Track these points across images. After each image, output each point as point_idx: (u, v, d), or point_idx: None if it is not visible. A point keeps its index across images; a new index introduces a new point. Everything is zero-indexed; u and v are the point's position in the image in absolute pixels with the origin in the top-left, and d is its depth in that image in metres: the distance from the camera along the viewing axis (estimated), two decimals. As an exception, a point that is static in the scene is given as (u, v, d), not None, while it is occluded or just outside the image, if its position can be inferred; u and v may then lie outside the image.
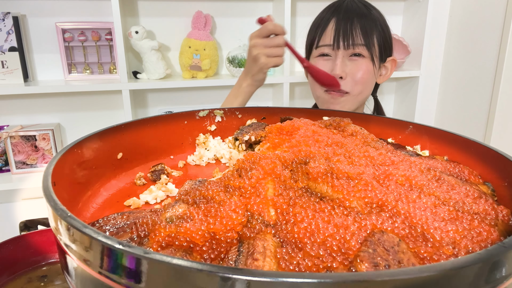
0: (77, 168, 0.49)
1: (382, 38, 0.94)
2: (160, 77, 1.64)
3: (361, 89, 0.95)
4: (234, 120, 0.73)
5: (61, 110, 1.69)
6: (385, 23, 0.96)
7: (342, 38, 0.90)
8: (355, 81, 0.93)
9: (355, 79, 0.93)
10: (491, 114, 1.75)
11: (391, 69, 1.01)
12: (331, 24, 0.92)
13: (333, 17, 0.92)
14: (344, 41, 0.90)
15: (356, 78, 0.93)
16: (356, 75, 0.92)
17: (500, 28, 1.68)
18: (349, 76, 0.93)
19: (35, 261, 0.59)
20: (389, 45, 0.97)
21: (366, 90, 0.97)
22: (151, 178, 0.57)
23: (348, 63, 0.93)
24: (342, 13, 0.91)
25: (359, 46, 0.91)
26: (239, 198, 0.38)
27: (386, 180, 0.42)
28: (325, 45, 0.94)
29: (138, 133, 0.62)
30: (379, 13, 0.96)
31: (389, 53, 0.99)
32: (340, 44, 0.91)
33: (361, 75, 0.92)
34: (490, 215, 0.38)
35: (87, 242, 0.28)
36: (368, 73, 0.93)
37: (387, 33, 0.96)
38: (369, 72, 0.93)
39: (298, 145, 0.51)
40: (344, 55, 0.92)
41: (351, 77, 0.93)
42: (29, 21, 1.57)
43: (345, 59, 0.93)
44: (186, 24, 1.70)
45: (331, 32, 0.92)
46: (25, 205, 1.71)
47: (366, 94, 0.98)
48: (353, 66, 0.92)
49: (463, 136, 0.55)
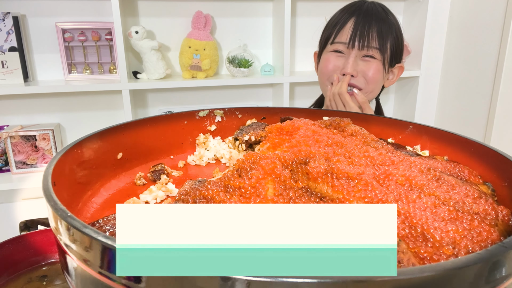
0: (77, 168, 0.49)
1: (395, 44, 0.97)
2: (160, 77, 1.64)
3: (372, 88, 0.98)
4: (234, 120, 0.73)
5: (61, 110, 1.69)
6: (399, 30, 0.99)
7: (358, 39, 0.93)
8: (367, 79, 0.96)
9: (367, 78, 0.96)
10: (491, 114, 1.75)
11: (397, 74, 1.04)
12: (349, 24, 0.95)
13: (352, 17, 0.95)
14: (360, 41, 0.93)
15: (367, 76, 0.96)
16: (367, 74, 0.95)
17: (500, 28, 1.68)
18: (360, 74, 0.95)
19: (35, 261, 0.59)
20: (400, 51, 1.00)
21: (376, 90, 1.00)
22: (151, 178, 0.57)
23: (360, 62, 0.95)
24: (362, 15, 0.94)
25: (373, 48, 0.93)
26: (239, 198, 0.38)
27: (386, 180, 0.42)
28: (341, 43, 0.96)
29: (138, 133, 0.62)
30: (396, 19, 0.99)
31: (399, 59, 1.01)
32: (356, 44, 0.93)
33: (372, 74, 0.95)
34: (490, 215, 0.38)
35: (87, 242, 0.28)
36: (378, 73, 0.96)
37: (400, 40, 0.98)
38: (379, 72, 0.96)
39: (298, 145, 0.51)
40: (357, 55, 0.95)
41: (362, 75, 0.96)
42: (29, 21, 1.57)
43: (358, 58, 0.95)
44: (186, 24, 1.70)
45: (348, 31, 0.94)
46: (25, 205, 1.71)
47: (375, 94, 1.01)
48: (365, 65, 0.95)
49: (463, 136, 0.55)
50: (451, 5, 1.93)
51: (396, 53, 0.98)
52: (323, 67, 1.00)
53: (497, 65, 1.70)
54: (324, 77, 1.00)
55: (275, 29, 1.78)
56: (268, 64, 1.76)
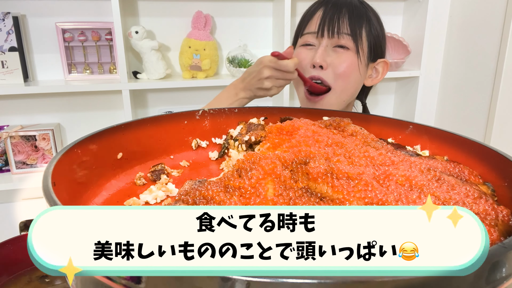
0: (77, 168, 0.49)
1: (373, 35, 0.89)
2: (160, 77, 1.64)
3: (344, 85, 0.88)
4: (233, 120, 0.73)
5: (61, 110, 1.69)
6: (378, 21, 0.91)
7: (327, 26, 0.85)
8: (337, 74, 0.87)
9: (337, 72, 0.86)
10: (491, 114, 1.75)
11: (382, 72, 0.94)
12: (318, 13, 0.88)
13: (322, 6, 0.89)
14: (329, 28, 0.85)
15: (338, 70, 0.86)
16: (338, 68, 0.86)
17: (500, 28, 1.68)
18: (330, 67, 0.87)
19: (35, 261, 0.59)
20: (381, 44, 0.92)
21: (350, 88, 0.90)
22: (151, 178, 0.57)
23: (331, 53, 0.87)
24: (331, 3, 0.88)
25: (344, 35, 0.85)
26: (239, 198, 0.38)
27: (386, 180, 0.42)
28: (310, 33, 0.89)
29: (138, 133, 0.62)
30: (373, 10, 0.92)
31: (381, 54, 0.93)
32: (325, 32, 0.85)
33: (343, 68, 0.86)
34: (490, 215, 0.38)
35: (87, 242, 0.28)
36: (352, 67, 0.87)
37: (379, 32, 0.90)
38: (353, 66, 0.87)
39: (298, 145, 0.51)
40: (328, 44, 0.87)
41: (332, 68, 0.87)
42: (29, 21, 1.57)
43: (329, 49, 0.87)
44: (186, 24, 1.70)
45: (317, 20, 0.87)
46: (25, 205, 1.71)
47: (351, 93, 0.92)
48: (336, 57, 0.87)
49: (463, 136, 0.55)
50: (451, 5, 1.93)
51: (375, 45, 0.89)
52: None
53: (497, 65, 1.70)
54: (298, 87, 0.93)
55: (275, 29, 1.78)
56: (268, 64, 1.76)
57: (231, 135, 0.67)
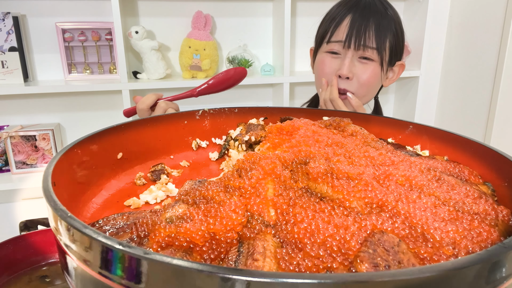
0: (77, 168, 0.49)
1: (394, 41, 0.93)
2: (160, 77, 1.64)
3: (365, 92, 0.95)
4: (233, 120, 0.73)
5: (61, 110, 1.69)
6: (400, 25, 0.94)
7: (355, 38, 0.89)
8: (361, 83, 0.92)
9: (361, 81, 0.92)
10: (491, 114, 1.75)
11: (398, 73, 1.00)
12: (346, 21, 0.91)
13: (349, 13, 0.91)
14: (356, 41, 0.89)
15: (361, 80, 0.92)
16: (362, 77, 0.92)
17: (500, 28, 1.68)
18: (355, 77, 0.92)
19: (35, 261, 0.59)
20: (400, 49, 0.96)
21: (370, 94, 0.97)
22: (151, 178, 0.57)
23: (356, 63, 0.92)
24: (359, 11, 0.90)
25: (369, 49, 0.90)
26: (239, 198, 0.38)
27: (386, 180, 0.42)
28: (337, 41, 0.92)
29: (138, 133, 0.62)
30: (396, 14, 0.94)
31: (399, 57, 0.97)
32: (352, 43, 0.89)
33: (367, 77, 0.92)
34: (490, 215, 0.38)
35: (87, 242, 0.28)
36: (374, 77, 0.93)
37: (400, 36, 0.94)
38: (376, 76, 0.93)
39: (298, 145, 0.51)
40: (354, 55, 0.91)
41: (357, 78, 0.92)
42: (29, 21, 1.57)
43: (354, 59, 0.92)
44: (186, 24, 1.70)
45: (345, 29, 0.90)
46: (25, 205, 1.71)
47: (369, 97, 0.98)
48: (361, 67, 0.92)
49: (463, 136, 0.55)
50: (451, 5, 1.93)
51: (396, 51, 0.94)
52: (319, 69, 0.97)
53: (497, 65, 1.70)
54: (319, 79, 0.97)
55: (275, 29, 1.78)
56: (268, 64, 1.76)
57: (231, 136, 0.67)
